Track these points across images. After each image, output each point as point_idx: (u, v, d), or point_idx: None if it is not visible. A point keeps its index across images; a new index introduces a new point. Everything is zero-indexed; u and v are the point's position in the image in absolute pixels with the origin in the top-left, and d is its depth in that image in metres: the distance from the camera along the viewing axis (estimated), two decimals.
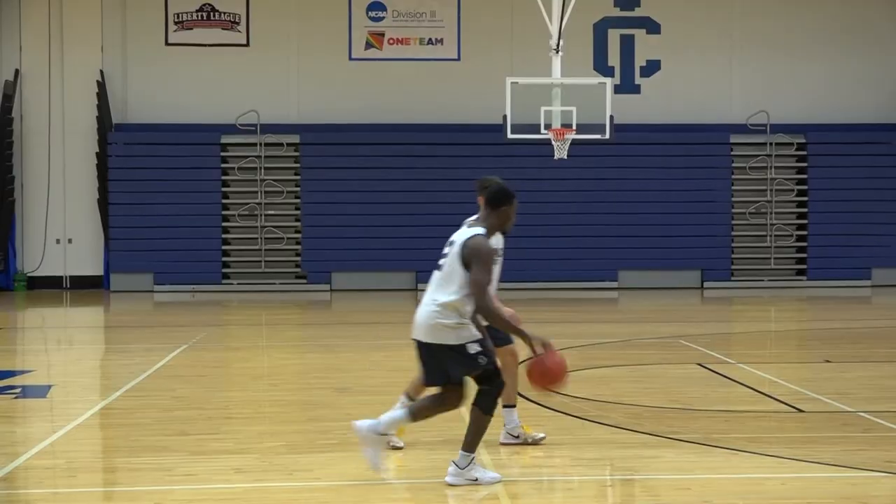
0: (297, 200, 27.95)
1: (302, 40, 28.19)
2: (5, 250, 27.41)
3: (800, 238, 28.51)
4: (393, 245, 27.51)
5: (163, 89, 28.02)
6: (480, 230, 7.95)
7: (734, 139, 28.39)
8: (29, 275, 27.81)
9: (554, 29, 20.59)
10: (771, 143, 28.39)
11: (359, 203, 27.54)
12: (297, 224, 27.97)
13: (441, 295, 7.93)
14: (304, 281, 27.75)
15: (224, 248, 27.91)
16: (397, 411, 8.16)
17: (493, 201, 8.14)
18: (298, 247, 27.96)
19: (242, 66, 28.13)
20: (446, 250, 8.02)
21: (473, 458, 7.79)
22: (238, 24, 28.22)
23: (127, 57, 28.08)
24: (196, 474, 8.28)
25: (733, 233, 28.27)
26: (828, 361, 14.43)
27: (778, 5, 28.61)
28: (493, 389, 7.77)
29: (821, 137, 28.44)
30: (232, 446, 9.28)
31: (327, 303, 25.01)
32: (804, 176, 28.53)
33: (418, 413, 8.08)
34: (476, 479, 7.80)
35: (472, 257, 7.70)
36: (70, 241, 28.05)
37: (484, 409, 7.76)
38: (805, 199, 28.51)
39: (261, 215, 27.86)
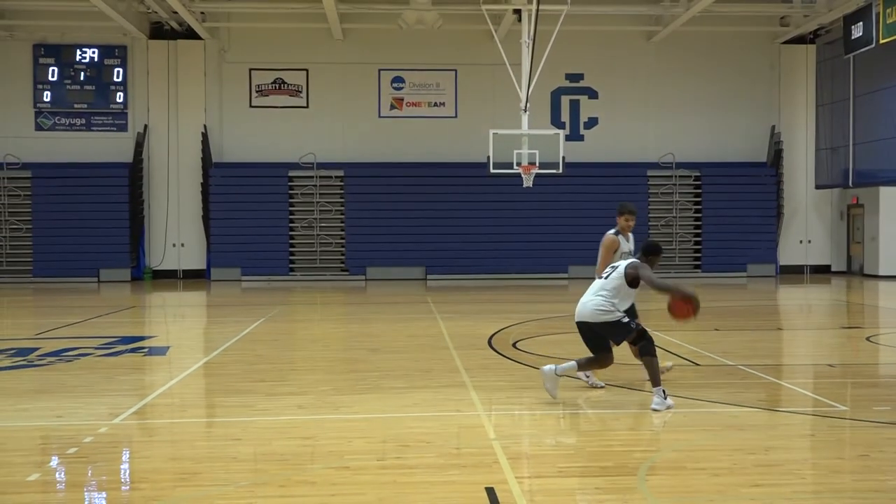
0: (342, 216, 27.96)
1: (345, 103, 28.18)
2: (138, 251, 27.49)
3: (696, 242, 28.51)
4: (410, 248, 27.56)
5: (247, 138, 28.02)
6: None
7: (650, 173, 28.37)
8: (154, 269, 27.83)
9: (523, 95, 20.58)
10: (676, 176, 28.38)
11: (386, 218, 27.55)
12: (342, 233, 27.97)
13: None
14: (347, 273, 27.76)
15: (290, 249, 27.91)
16: (571, 362, 8.49)
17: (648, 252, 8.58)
18: (343, 249, 27.97)
19: (303, 122, 28.13)
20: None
21: (663, 389, 8.16)
22: (301, 92, 28.21)
23: (223, 116, 28.09)
24: (270, 409, 8.29)
25: (649, 239, 28.13)
26: (716, 329, 14.42)
27: (681, 78, 28.57)
28: (647, 343, 8.29)
29: (711, 171, 28.41)
30: (295, 389, 9.28)
31: (363, 289, 25.01)
32: (699, 199, 28.51)
33: (584, 366, 8.62)
34: (669, 405, 8.09)
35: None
36: (183, 244, 28.08)
37: (650, 354, 8.25)
38: (700, 215, 28.49)
39: (316, 227, 27.88)
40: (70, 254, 26.81)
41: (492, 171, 20.81)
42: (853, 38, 23.33)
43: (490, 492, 5.69)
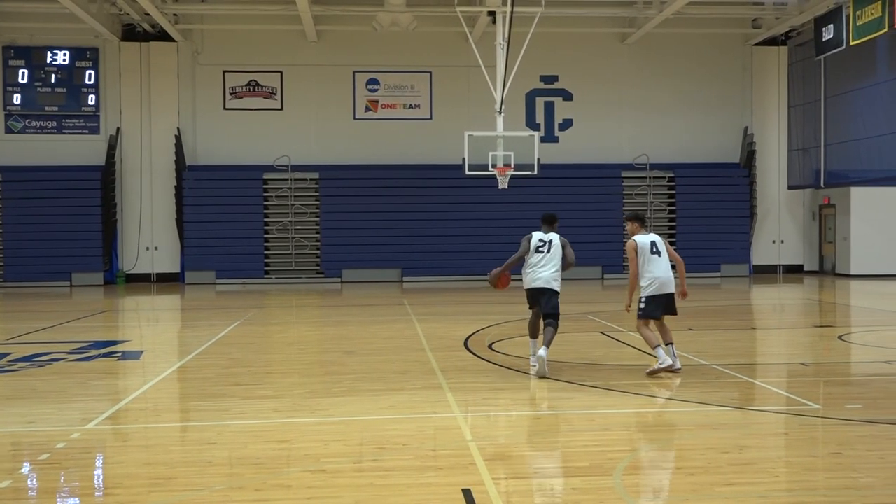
0: (317, 219, 27.87)
1: (320, 105, 28.12)
2: (110, 255, 27.26)
3: (670, 243, 28.56)
4: (385, 249, 27.52)
5: (221, 140, 27.89)
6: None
7: (624, 174, 28.51)
8: (127, 272, 27.61)
9: (498, 97, 20.62)
10: (650, 177, 28.54)
11: (361, 220, 27.51)
12: (317, 235, 27.89)
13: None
14: (322, 276, 27.68)
15: (265, 252, 27.78)
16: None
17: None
18: (318, 251, 27.89)
19: (278, 124, 28.03)
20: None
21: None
22: (275, 94, 28.11)
23: (196, 118, 27.93)
24: (245, 413, 8.25)
25: (624, 239, 28.27)
26: (691, 329, 14.50)
27: (654, 80, 28.74)
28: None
29: (685, 172, 28.59)
30: (271, 393, 9.25)
31: (339, 291, 24.94)
32: (673, 200, 28.69)
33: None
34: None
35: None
36: (156, 248, 27.89)
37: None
38: (674, 216, 28.66)
39: (291, 229, 27.77)
40: (42, 258, 26.54)
41: (467, 172, 20.84)
42: (824, 39, 23.59)
43: (467, 493, 5.69)
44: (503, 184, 21.00)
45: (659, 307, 10.04)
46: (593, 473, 6.18)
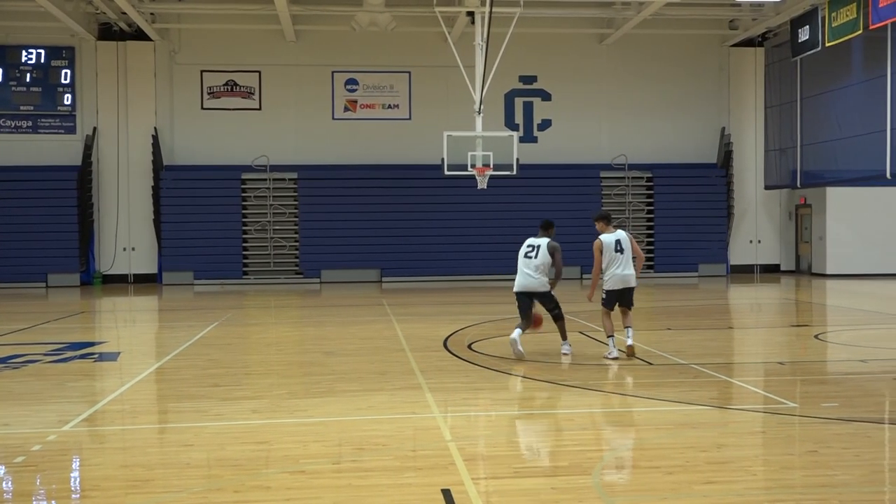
0: (296, 219, 27.79)
1: (298, 105, 28.05)
2: (87, 255, 27.06)
3: (649, 243, 28.78)
4: (364, 250, 27.49)
5: (199, 140, 27.76)
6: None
7: (603, 174, 28.61)
8: (104, 273, 27.42)
9: (476, 97, 20.64)
10: (628, 177, 28.66)
11: (340, 220, 27.47)
12: (296, 236, 27.80)
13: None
14: (301, 276, 27.60)
15: (244, 252, 27.67)
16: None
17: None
18: (297, 252, 27.80)
19: (256, 124, 27.93)
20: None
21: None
22: (253, 94, 28.01)
23: (174, 118, 27.78)
24: (224, 414, 8.22)
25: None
26: (669, 329, 14.58)
27: (633, 80, 28.87)
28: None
29: (663, 173, 28.73)
30: (249, 394, 9.21)
31: (318, 292, 24.88)
32: (651, 200, 28.81)
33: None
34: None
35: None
36: (133, 248, 27.72)
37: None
38: (652, 216, 28.79)
39: (270, 229, 27.67)
40: (17, 259, 26.29)
41: (446, 172, 20.84)
42: (800, 41, 23.79)
43: (446, 493, 5.69)
44: (482, 184, 21.02)
45: (615, 300, 11.17)
46: (572, 473, 6.20)
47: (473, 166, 20.51)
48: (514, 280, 11.46)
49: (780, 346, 13.17)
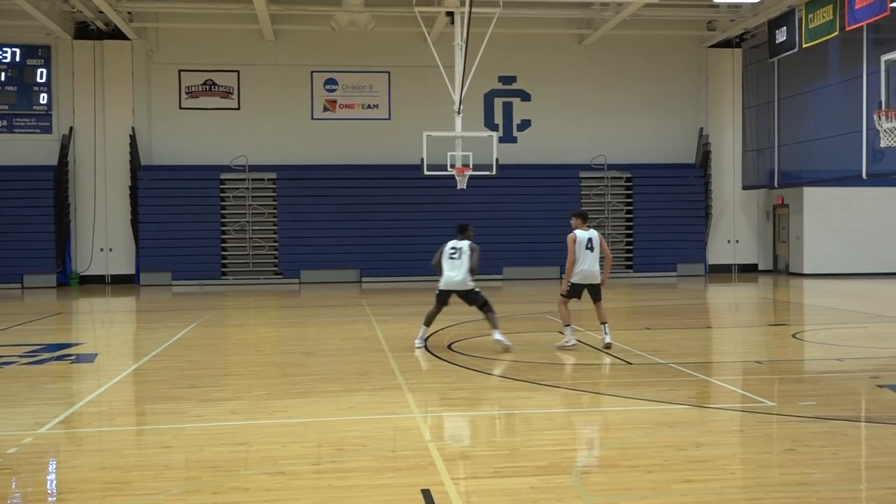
0: (275, 219, 27.71)
1: (278, 105, 27.97)
2: (63, 256, 26.86)
3: (627, 243, 28.92)
4: (344, 250, 27.46)
5: (177, 140, 27.63)
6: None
7: (582, 174, 28.71)
8: (81, 274, 27.23)
9: (456, 97, 20.63)
10: (608, 177, 28.77)
11: (319, 220, 27.42)
12: (275, 236, 27.72)
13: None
14: (281, 276, 27.52)
15: (223, 253, 27.56)
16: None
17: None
18: (276, 252, 27.72)
19: (235, 124, 27.83)
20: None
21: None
22: (232, 93, 27.90)
23: (151, 117, 27.63)
24: (203, 415, 8.18)
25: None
26: (648, 329, 14.65)
27: (612, 81, 28.99)
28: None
29: (642, 173, 28.87)
30: (228, 395, 9.17)
31: (297, 292, 24.81)
32: (630, 200, 28.94)
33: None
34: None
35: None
36: (111, 249, 27.54)
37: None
38: (631, 216, 28.92)
39: (249, 230, 27.58)
40: None
41: (426, 172, 20.80)
42: (777, 42, 23.95)
43: (426, 494, 5.69)
44: (462, 184, 21.02)
45: (579, 293, 11.93)
46: (552, 472, 6.21)
47: (453, 166, 20.49)
48: (493, 280, 11.63)
49: (758, 346, 13.26)
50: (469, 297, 12.11)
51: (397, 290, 24.65)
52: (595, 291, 12.00)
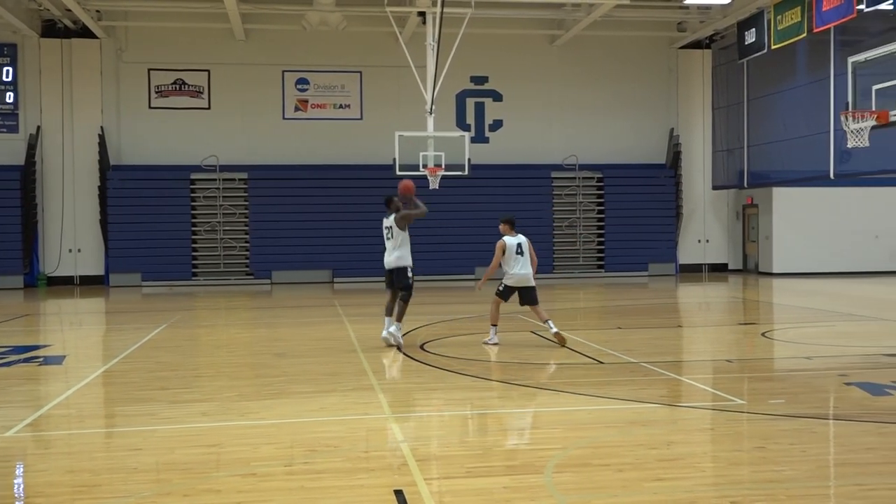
0: (246, 219, 27.56)
1: (248, 105, 27.82)
2: (31, 257, 26.54)
3: (599, 243, 29.05)
4: (316, 250, 27.37)
5: (147, 140, 27.39)
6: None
7: (554, 174, 28.80)
8: (48, 275, 26.92)
9: (428, 97, 20.65)
10: (579, 177, 28.89)
11: (291, 220, 27.30)
12: (246, 236, 27.56)
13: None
14: (252, 277, 27.37)
15: (193, 253, 27.36)
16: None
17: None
18: (247, 252, 27.56)
19: (205, 123, 27.64)
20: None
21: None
22: (202, 93, 27.71)
23: (120, 116, 27.38)
24: (173, 417, 8.11)
25: (553, 239, 28.67)
26: (619, 328, 14.71)
27: (583, 81, 29.11)
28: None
29: (613, 173, 29.01)
30: (199, 396, 9.11)
31: (269, 293, 24.68)
32: (602, 200, 29.07)
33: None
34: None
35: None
36: (79, 250, 27.25)
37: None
38: (603, 216, 29.05)
39: (220, 230, 27.40)
40: None
41: (398, 172, 20.78)
42: (746, 43, 24.17)
43: (399, 494, 5.68)
44: (434, 184, 21.04)
45: (511, 294, 12.41)
46: (525, 472, 6.22)
47: (425, 166, 20.52)
48: (467, 279, 11.76)
49: (728, 344, 13.37)
50: (398, 273, 12.62)
51: (370, 290, 24.58)
52: (529, 296, 12.36)
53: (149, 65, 27.35)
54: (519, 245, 12.44)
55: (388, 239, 12.84)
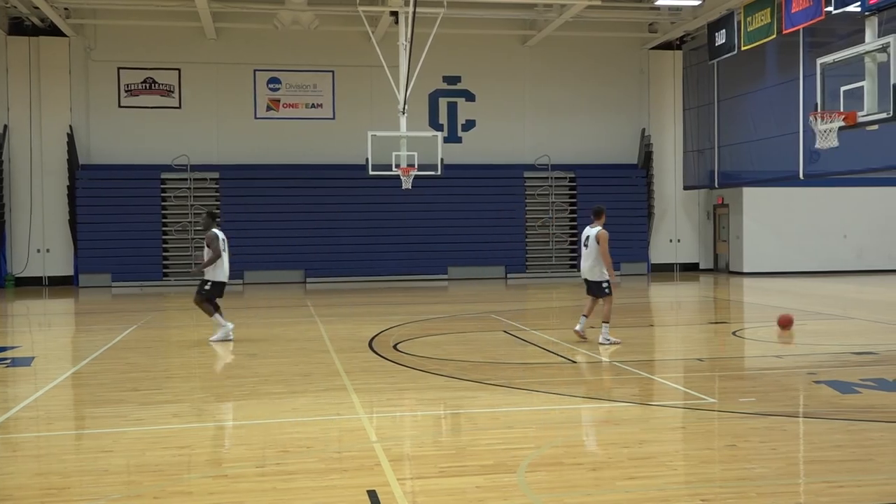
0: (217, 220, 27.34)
1: (220, 104, 27.65)
2: None
3: (572, 242, 29.14)
4: (288, 250, 27.25)
5: (117, 139, 27.15)
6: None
7: (526, 174, 28.87)
8: (17, 276, 26.59)
9: (401, 97, 20.62)
10: (552, 177, 28.98)
11: (263, 221, 27.15)
12: None
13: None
14: None
15: (164, 254, 27.15)
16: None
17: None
18: None
19: (176, 123, 27.43)
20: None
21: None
22: (172, 92, 27.50)
23: (89, 115, 27.11)
24: (144, 419, 8.05)
25: (526, 239, 28.74)
26: (591, 327, 14.76)
27: (555, 82, 29.20)
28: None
29: (585, 173, 29.12)
30: (170, 398, 9.04)
31: (241, 293, 24.52)
32: (574, 200, 29.17)
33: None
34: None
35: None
36: (48, 250, 26.95)
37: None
38: (575, 215, 29.14)
39: (190, 230, 27.19)
40: None
41: (371, 172, 20.77)
42: (717, 44, 24.35)
43: (372, 494, 5.67)
44: (407, 184, 21.02)
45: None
46: (498, 471, 6.24)
47: (398, 166, 20.48)
48: (439, 279, 11.60)
49: (699, 343, 13.47)
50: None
51: (342, 290, 24.53)
52: (590, 288, 12.91)
53: (118, 63, 27.11)
54: (587, 238, 12.73)
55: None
